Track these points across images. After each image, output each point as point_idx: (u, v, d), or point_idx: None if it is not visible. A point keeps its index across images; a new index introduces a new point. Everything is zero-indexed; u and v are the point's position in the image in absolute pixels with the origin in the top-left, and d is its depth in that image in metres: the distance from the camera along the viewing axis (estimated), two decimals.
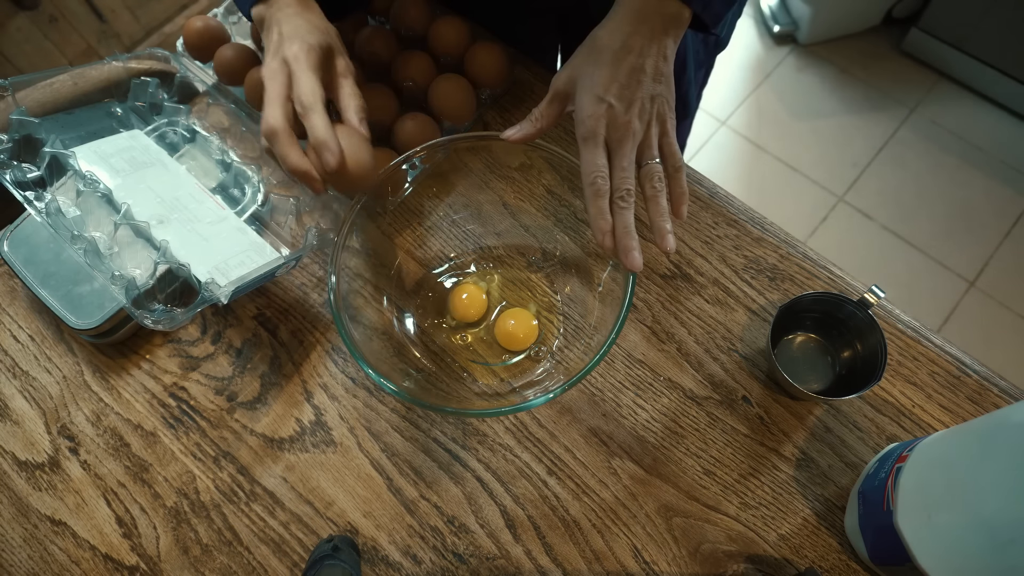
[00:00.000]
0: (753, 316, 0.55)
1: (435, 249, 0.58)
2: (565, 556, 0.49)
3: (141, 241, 0.52)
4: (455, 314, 0.55)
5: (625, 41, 0.46)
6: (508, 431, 0.53)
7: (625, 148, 0.46)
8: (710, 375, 0.54)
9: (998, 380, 0.52)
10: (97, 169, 0.54)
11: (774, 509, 0.50)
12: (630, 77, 0.46)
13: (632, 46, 0.46)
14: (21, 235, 0.56)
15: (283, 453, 0.53)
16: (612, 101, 0.45)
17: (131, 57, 0.63)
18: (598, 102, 0.45)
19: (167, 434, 0.54)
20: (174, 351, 0.57)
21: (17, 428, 0.55)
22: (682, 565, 0.48)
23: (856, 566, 0.48)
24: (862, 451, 0.51)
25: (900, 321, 0.54)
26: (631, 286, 0.45)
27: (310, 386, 0.55)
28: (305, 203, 0.60)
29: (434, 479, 0.52)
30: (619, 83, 0.45)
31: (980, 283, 1.47)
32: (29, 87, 0.57)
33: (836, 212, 1.58)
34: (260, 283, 0.52)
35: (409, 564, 0.49)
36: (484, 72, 0.62)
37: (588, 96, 0.46)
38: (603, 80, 0.45)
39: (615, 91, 0.45)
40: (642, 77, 0.46)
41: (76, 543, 0.52)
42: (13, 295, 0.60)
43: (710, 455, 0.51)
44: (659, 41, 0.46)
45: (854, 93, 1.72)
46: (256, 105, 0.62)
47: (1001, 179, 1.58)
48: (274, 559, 0.50)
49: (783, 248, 0.58)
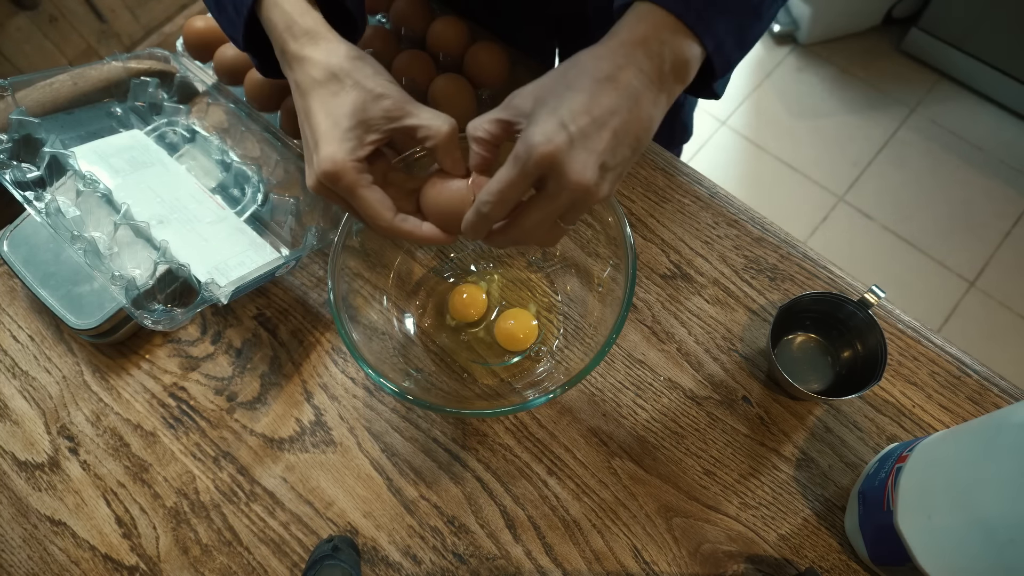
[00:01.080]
0: (753, 316, 0.55)
1: (435, 249, 0.58)
2: (565, 556, 0.49)
3: (141, 241, 0.52)
4: (455, 314, 0.55)
5: (614, 72, 0.35)
6: (508, 431, 0.53)
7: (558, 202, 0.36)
8: (710, 375, 0.54)
9: (998, 380, 0.52)
10: (97, 169, 0.54)
11: (774, 509, 0.50)
12: (606, 116, 0.35)
13: (620, 81, 0.35)
14: (21, 235, 0.56)
15: (283, 453, 0.53)
16: (573, 133, 0.34)
17: (131, 57, 0.63)
18: (559, 128, 0.34)
19: (167, 434, 0.54)
20: (174, 351, 0.57)
21: (17, 428, 0.55)
22: (682, 565, 0.48)
23: (856, 566, 0.48)
24: (862, 451, 0.51)
25: (900, 321, 0.54)
26: (631, 286, 0.45)
27: (310, 386, 0.55)
28: (305, 203, 0.60)
29: (434, 479, 0.52)
30: (591, 117, 0.34)
31: (980, 283, 1.47)
32: (29, 87, 0.57)
33: (836, 212, 1.58)
34: (260, 283, 0.52)
35: (409, 564, 0.49)
36: (484, 72, 0.62)
37: (551, 117, 0.34)
38: (574, 107, 0.34)
39: (583, 124, 0.34)
40: (619, 125, 0.35)
41: (76, 543, 0.51)
42: (13, 295, 0.60)
43: (710, 455, 0.51)
44: (651, 93, 0.36)
45: (854, 93, 1.72)
46: (256, 105, 0.62)
47: (1001, 179, 1.58)
48: (274, 559, 0.50)
49: (783, 248, 0.58)
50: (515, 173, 0.35)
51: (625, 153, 0.36)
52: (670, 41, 0.36)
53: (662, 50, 0.36)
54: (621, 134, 0.35)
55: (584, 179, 0.35)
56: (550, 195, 0.36)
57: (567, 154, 0.34)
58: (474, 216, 0.38)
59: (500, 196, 0.36)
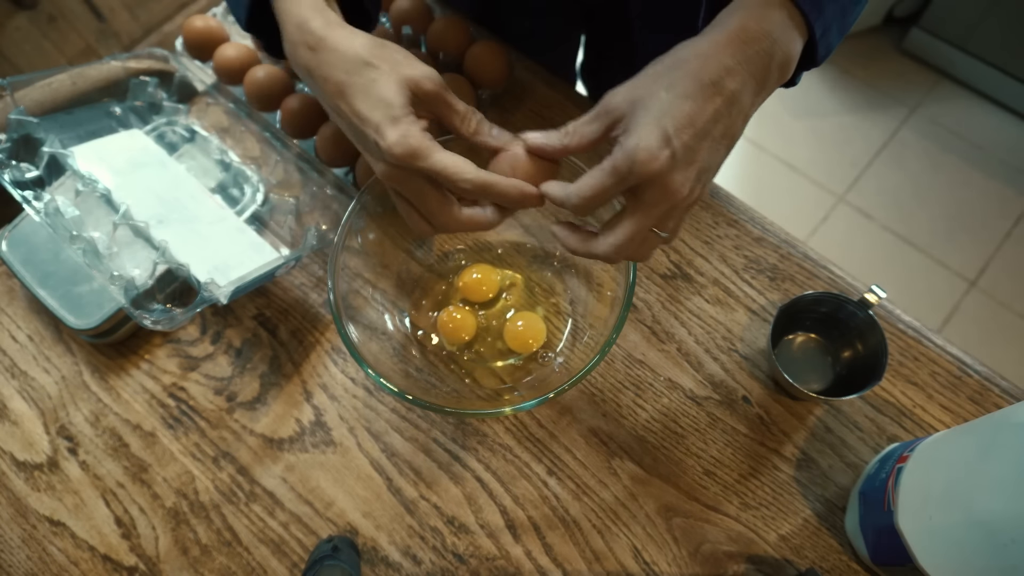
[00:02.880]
0: (753, 316, 0.55)
1: (435, 249, 0.58)
2: (565, 556, 0.49)
3: (140, 241, 0.52)
4: (465, 292, 0.54)
5: (720, 77, 0.34)
6: (508, 431, 0.53)
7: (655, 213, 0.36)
8: (710, 375, 0.54)
9: (999, 380, 0.52)
10: (96, 169, 0.54)
11: (774, 509, 0.50)
12: (709, 126, 0.34)
13: (726, 88, 0.34)
14: (20, 235, 0.56)
15: (283, 453, 0.53)
16: (677, 149, 0.33)
17: (130, 56, 0.63)
18: (664, 144, 0.33)
19: (166, 434, 0.54)
20: (173, 351, 0.57)
21: (16, 428, 0.55)
22: (682, 565, 0.48)
23: (857, 567, 0.48)
24: (863, 451, 0.50)
25: (901, 321, 0.54)
26: (631, 286, 0.45)
27: (310, 386, 0.55)
28: (305, 203, 0.60)
29: (434, 479, 0.52)
30: (695, 130, 0.34)
31: (981, 283, 1.47)
32: (28, 87, 0.57)
33: (836, 212, 1.57)
34: (260, 283, 0.52)
35: (409, 564, 0.49)
36: (484, 72, 0.62)
37: (654, 129, 0.33)
38: (681, 117, 0.33)
39: (687, 138, 0.33)
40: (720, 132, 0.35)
41: (75, 543, 0.51)
42: (12, 295, 0.60)
43: (710, 455, 0.51)
44: (753, 95, 0.35)
45: (854, 93, 1.72)
46: (256, 105, 0.62)
47: (1001, 179, 1.58)
48: (274, 559, 0.50)
49: (783, 248, 0.58)
50: (612, 183, 0.35)
51: (721, 156, 0.36)
52: (781, 38, 0.35)
53: (773, 49, 0.35)
54: (721, 140, 0.35)
55: (684, 191, 0.34)
56: (647, 206, 0.35)
57: (671, 170, 0.34)
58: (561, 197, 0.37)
59: (590, 201, 0.36)
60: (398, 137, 0.36)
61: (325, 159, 0.60)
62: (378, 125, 0.36)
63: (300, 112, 0.60)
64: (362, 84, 0.37)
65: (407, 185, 0.39)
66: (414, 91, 0.38)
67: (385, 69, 0.37)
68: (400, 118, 0.36)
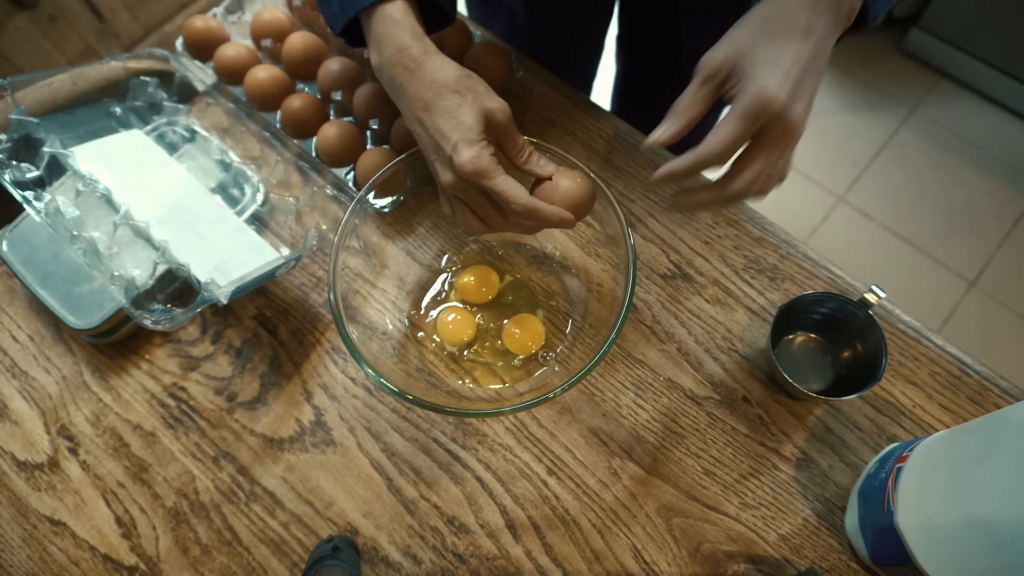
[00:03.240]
0: (753, 316, 0.55)
1: (435, 249, 0.58)
2: (565, 556, 0.49)
3: (141, 241, 0.52)
4: (464, 294, 0.55)
5: (811, 23, 0.39)
6: (508, 431, 0.53)
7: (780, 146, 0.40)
8: (710, 375, 0.54)
9: (999, 380, 0.52)
10: (96, 169, 0.54)
11: (774, 509, 0.50)
12: (810, 64, 0.39)
13: (815, 28, 0.39)
14: (20, 235, 0.56)
15: (283, 453, 0.53)
16: (796, 83, 0.38)
17: (130, 57, 0.63)
18: (784, 81, 0.38)
19: (167, 434, 0.54)
20: (174, 351, 0.57)
21: (16, 428, 0.55)
22: (682, 565, 0.48)
23: (857, 566, 0.48)
24: (862, 451, 0.51)
25: (900, 321, 0.54)
26: (631, 286, 0.45)
27: (310, 386, 0.55)
28: (305, 203, 0.60)
29: (434, 479, 0.52)
30: (801, 68, 0.38)
31: (981, 283, 1.47)
32: (28, 87, 0.57)
33: (836, 212, 1.57)
34: (260, 283, 0.52)
35: (409, 564, 0.49)
36: (485, 72, 0.61)
37: (773, 71, 0.38)
38: (789, 58, 0.38)
39: (797, 74, 0.38)
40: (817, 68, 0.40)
41: (75, 543, 0.51)
42: (12, 295, 0.60)
43: (710, 455, 0.51)
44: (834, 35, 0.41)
45: (854, 93, 1.72)
46: (256, 105, 0.62)
47: (1001, 179, 1.58)
48: (274, 559, 0.50)
49: (783, 248, 0.58)
50: (744, 127, 0.39)
51: (816, 89, 0.40)
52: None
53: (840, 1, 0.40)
54: (816, 76, 0.40)
55: (801, 121, 0.39)
56: (773, 140, 0.40)
57: (793, 102, 0.38)
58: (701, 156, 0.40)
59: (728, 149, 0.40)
60: (471, 156, 0.42)
61: (325, 159, 0.60)
62: (456, 143, 0.42)
63: (300, 112, 0.60)
64: (447, 107, 0.43)
65: (468, 194, 0.45)
66: (488, 120, 0.43)
67: (469, 98, 0.43)
68: (475, 141, 0.42)
